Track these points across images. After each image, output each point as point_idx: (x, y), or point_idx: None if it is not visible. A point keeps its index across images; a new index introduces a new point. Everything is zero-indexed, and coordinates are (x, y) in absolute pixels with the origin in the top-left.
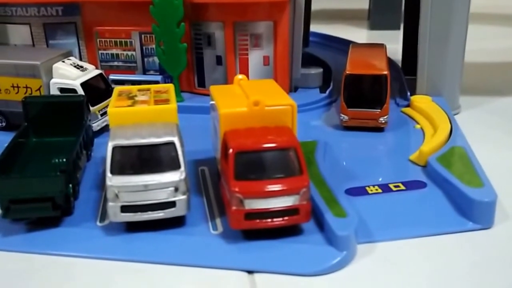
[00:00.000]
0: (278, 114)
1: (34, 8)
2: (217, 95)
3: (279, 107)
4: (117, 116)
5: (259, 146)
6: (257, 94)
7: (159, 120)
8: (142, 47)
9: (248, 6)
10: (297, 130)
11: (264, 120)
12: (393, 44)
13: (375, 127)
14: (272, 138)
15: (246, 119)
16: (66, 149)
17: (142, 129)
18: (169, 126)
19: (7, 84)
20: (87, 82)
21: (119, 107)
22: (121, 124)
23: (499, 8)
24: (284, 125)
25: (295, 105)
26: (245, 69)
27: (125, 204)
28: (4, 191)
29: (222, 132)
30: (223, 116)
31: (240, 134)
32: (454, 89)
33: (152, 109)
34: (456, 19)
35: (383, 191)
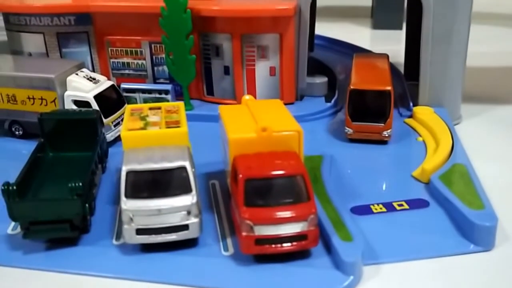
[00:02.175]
0: (285, 140)
1: (48, 17)
2: (226, 117)
3: (286, 133)
4: (130, 139)
5: (269, 173)
6: (264, 118)
7: (171, 142)
8: (152, 56)
9: (255, 19)
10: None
11: (271, 145)
12: (395, 45)
13: (379, 140)
14: (280, 165)
15: (254, 144)
16: (81, 163)
17: (155, 153)
18: (180, 149)
19: (24, 95)
20: (100, 94)
21: (132, 130)
22: (134, 147)
23: (500, 7)
24: (291, 150)
25: (302, 131)
26: (252, 80)
27: (140, 227)
28: (23, 213)
29: (231, 156)
30: (233, 142)
31: (249, 160)
32: (455, 101)
33: (164, 133)
34: (457, 36)
35: (387, 210)
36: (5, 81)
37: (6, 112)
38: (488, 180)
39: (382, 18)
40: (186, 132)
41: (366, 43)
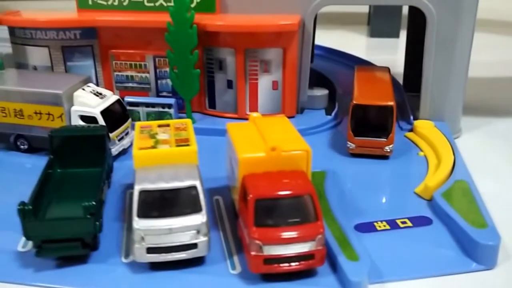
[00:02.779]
0: (293, 159)
1: (53, 31)
2: (235, 135)
3: (294, 152)
4: (141, 158)
5: (278, 193)
6: (273, 136)
7: (180, 161)
8: (156, 70)
9: (259, 34)
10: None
11: (280, 165)
12: (392, 54)
13: (381, 155)
14: (289, 185)
15: (263, 163)
16: (89, 180)
17: (165, 172)
18: (190, 168)
19: (31, 110)
20: (106, 109)
21: (143, 149)
22: (145, 166)
23: (500, 14)
24: (299, 170)
25: (310, 150)
26: (254, 93)
27: (151, 246)
28: (38, 232)
29: (240, 175)
30: (242, 162)
31: (259, 180)
32: (456, 114)
33: (174, 151)
34: (460, 46)
35: (391, 227)
36: (13, 96)
37: (13, 126)
38: (489, 196)
39: (379, 26)
40: (196, 150)
41: (362, 51)
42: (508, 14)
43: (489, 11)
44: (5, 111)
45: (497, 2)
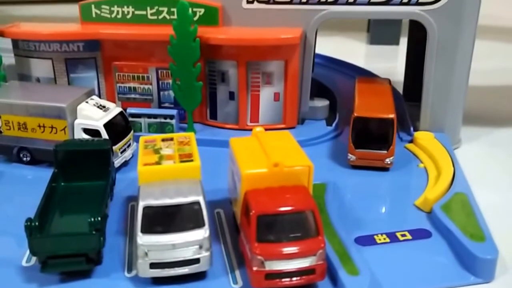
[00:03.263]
0: (295, 175)
1: (57, 44)
2: (238, 151)
3: (296, 168)
4: (146, 175)
5: (280, 209)
6: (275, 151)
7: (184, 176)
8: (159, 81)
9: (261, 48)
10: None
11: (282, 180)
12: (392, 61)
13: (381, 167)
14: (291, 201)
15: (266, 179)
16: (93, 193)
17: (169, 188)
18: (193, 183)
19: (34, 124)
20: (108, 122)
21: (147, 165)
22: (149, 182)
23: (499, 20)
24: (301, 185)
25: (312, 166)
26: (256, 105)
27: (154, 261)
28: (44, 248)
29: (243, 190)
30: (245, 177)
31: (261, 196)
32: (456, 125)
33: (178, 167)
34: (460, 67)
35: (391, 240)
36: (16, 109)
37: (16, 139)
38: (488, 208)
39: (379, 33)
40: (199, 166)
41: (362, 59)
42: (509, 20)
43: (490, 18)
44: (9, 124)
45: (498, 8)
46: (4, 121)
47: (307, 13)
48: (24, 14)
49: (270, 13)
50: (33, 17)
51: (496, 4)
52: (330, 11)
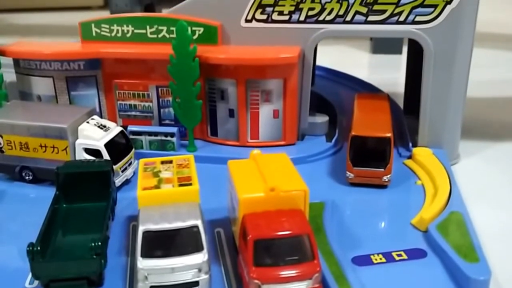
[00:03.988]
0: (292, 199)
1: (58, 62)
2: (235, 174)
3: (293, 192)
4: (145, 199)
5: (277, 233)
6: (272, 175)
7: (183, 200)
8: (159, 99)
9: (260, 67)
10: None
11: (279, 204)
12: (395, 72)
13: (379, 184)
14: (288, 225)
15: (263, 203)
16: (95, 215)
17: (168, 212)
18: (192, 207)
19: (36, 144)
20: (109, 142)
21: (147, 190)
22: (148, 205)
23: (501, 26)
24: (297, 208)
25: (308, 190)
26: (255, 122)
27: (154, 285)
28: (46, 273)
29: (240, 214)
30: (242, 202)
31: (258, 220)
32: (454, 141)
33: (177, 191)
34: (457, 83)
35: (387, 260)
36: (18, 130)
37: (18, 158)
38: (484, 226)
39: (381, 42)
40: (198, 190)
41: (364, 69)
42: (509, 27)
43: (490, 24)
44: (11, 144)
45: (499, 14)
46: (6, 141)
47: (305, 31)
48: (24, 22)
49: (268, 32)
50: (32, 25)
51: (498, 10)
52: (327, 29)
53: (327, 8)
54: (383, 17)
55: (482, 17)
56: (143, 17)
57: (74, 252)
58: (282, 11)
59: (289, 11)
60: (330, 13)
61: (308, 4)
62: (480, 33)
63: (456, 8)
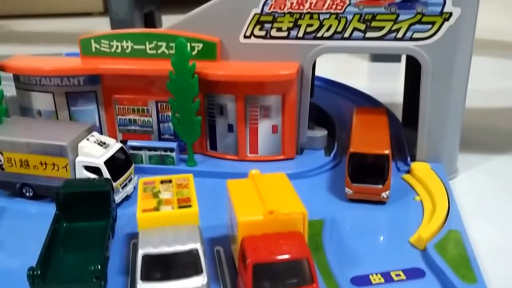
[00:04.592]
0: (291, 221)
1: (58, 78)
2: (234, 195)
3: (291, 215)
4: (145, 221)
5: (276, 258)
6: (271, 197)
7: (182, 222)
8: (158, 114)
9: (259, 83)
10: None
11: (278, 227)
12: (394, 80)
13: (378, 200)
14: (287, 249)
15: (261, 226)
16: (95, 234)
17: (168, 235)
18: (191, 230)
19: (36, 161)
20: (109, 159)
21: (146, 212)
22: (148, 228)
23: (498, 32)
24: (296, 231)
25: (306, 213)
26: (254, 137)
27: None
28: None
29: (239, 237)
30: (241, 225)
31: (257, 244)
32: (452, 156)
33: (176, 213)
34: (455, 98)
35: (385, 280)
36: (18, 147)
37: (19, 175)
38: (481, 244)
39: None
40: (197, 212)
41: (364, 78)
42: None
43: (487, 30)
44: (11, 161)
45: (496, 19)
46: (6, 158)
47: (303, 48)
48: (24, 29)
49: (267, 48)
50: (33, 32)
51: (496, 15)
52: (326, 46)
53: (325, 25)
54: (381, 33)
55: (479, 22)
56: (142, 33)
57: (74, 274)
58: (280, 27)
59: (288, 28)
60: (328, 30)
61: (307, 20)
62: (476, 39)
63: (454, 25)
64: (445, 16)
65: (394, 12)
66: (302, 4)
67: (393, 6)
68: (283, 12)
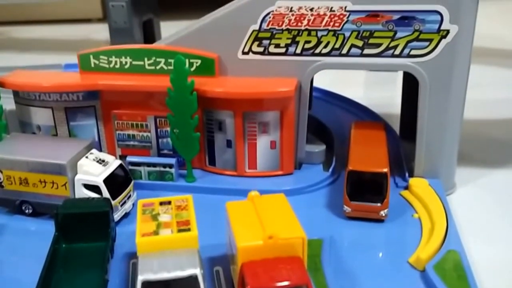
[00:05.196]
0: (290, 246)
1: (57, 94)
2: (233, 217)
3: (291, 239)
4: (144, 246)
5: (275, 284)
6: (270, 220)
7: (182, 245)
8: (157, 129)
9: (257, 100)
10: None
11: (277, 251)
12: (391, 89)
13: (376, 218)
14: (286, 275)
15: (261, 251)
16: (94, 255)
17: (167, 260)
18: (191, 254)
19: (35, 179)
20: (108, 177)
21: (146, 236)
22: (147, 252)
23: (498, 40)
24: (296, 256)
25: (306, 237)
26: (253, 153)
27: None
28: None
29: (239, 262)
30: (241, 250)
31: (256, 268)
32: (450, 172)
33: (176, 238)
34: (452, 111)
35: None
36: (18, 165)
37: (18, 193)
38: (480, 263)
39: None
40: (196, 236)
41: (361, 87)
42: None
43: (485, 38)
44: (11, 179)
45: (497, 28)
46: (5, 176)
47: (301, 64)
48: (24, 36)
49: (265, 64)
50: (32, 39)
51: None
52: (324, 62)
53: (323, 41)
54: (379, 50)
55: (476, 29)
56: (141, 49)
57: None
58: (278, 43)
59: (286, 44)
60: (326, 46)
61: (305, 37)
62: (473, 47)
63: (451, 42)
64: (442, 33)
65: (391, 29)
66: (300, 21)
67: (390, 24)
68: (281, 28)
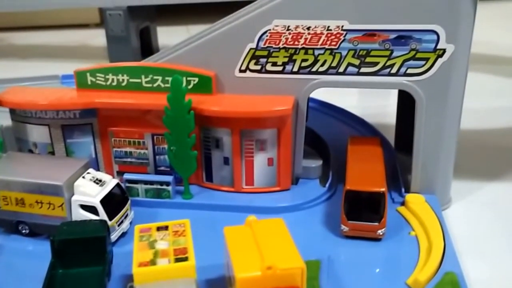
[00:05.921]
0: (289, 276)
1: (53, 111)
2: (231, 244)
3: (290, 270)
4: (141, 276)
5: None
6: (269, 247)
7: (179, 275)
8: (154, 146)
9: (254, 119)
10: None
11: (276, 281)
12: (385, 99)
13: (374, 237)
14: None
15: (259, 281)
16: (91, 279)
17: None
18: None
19: (32, 200)
20: (105, 197)
21: (142, 267)
22: (144, 282)
23: (495, 47)
24: (294, 286)
25: (305, 267)
26: (250, 170)
27: None
28: None
29: None
30: (239, 281)
31: None
32: (445, 187)
33: (173, 268)
34: (448, 128)
35: None
36: (14, 186)
37: (14, 213)
38: (478, 284)
39: None
40: (194, 265)
41: (355, 97)
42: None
43: (481, 44)
44: (7, 200)
45: (493, 34)
46: (2, 197)
47: (298, 82)
48: (22, 42)
49: (262, 82)
50: (31, 46)
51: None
52: (321, 80)
53: (320, 60)
54: (375, 69)
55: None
56: (138, 67)
57: None
58: (275, 62)
59: (283, 62)
60: (323, 65)
61: (302, 55)
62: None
63: (447, 61)
64: (438, 52)
65: (388, 48)
66: (297, 40)
67: (387, 43)
68: (278, 47)
